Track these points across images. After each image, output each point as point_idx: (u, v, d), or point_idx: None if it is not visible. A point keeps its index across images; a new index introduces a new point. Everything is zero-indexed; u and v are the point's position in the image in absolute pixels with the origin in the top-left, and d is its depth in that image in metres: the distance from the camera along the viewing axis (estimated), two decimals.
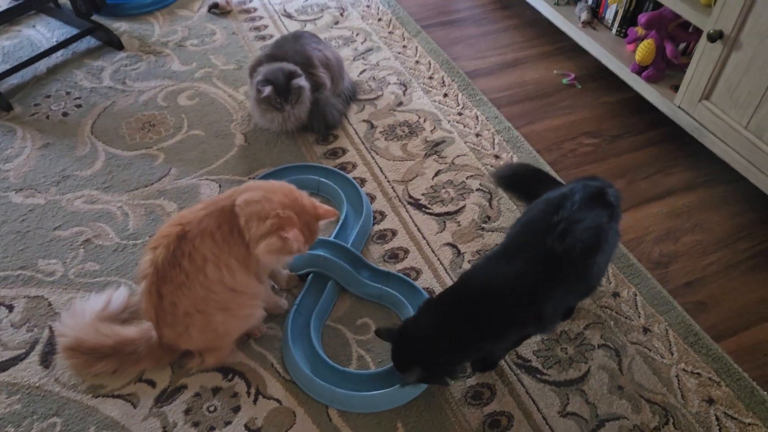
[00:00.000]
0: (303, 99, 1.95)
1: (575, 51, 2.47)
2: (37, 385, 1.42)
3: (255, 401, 1.41)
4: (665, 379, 1.48)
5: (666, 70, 2.07)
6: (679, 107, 1.97)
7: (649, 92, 2.08)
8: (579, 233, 1.25)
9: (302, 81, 1.92)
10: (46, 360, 1.46)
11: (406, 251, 1.74)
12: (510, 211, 1.84)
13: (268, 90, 1.88)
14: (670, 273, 1.72)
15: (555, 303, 1.30)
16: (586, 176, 1.48)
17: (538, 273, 1.25)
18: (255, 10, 2.66)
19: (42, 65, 2.31)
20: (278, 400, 1.41)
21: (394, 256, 1.73)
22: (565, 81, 2.36)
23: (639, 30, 2.07)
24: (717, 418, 1.41)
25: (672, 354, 1.53)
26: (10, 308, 1.56)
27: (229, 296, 1.35)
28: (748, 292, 1.68)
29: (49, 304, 1.57)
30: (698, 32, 2.01)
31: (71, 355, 1.39)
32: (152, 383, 1.43)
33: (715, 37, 1.76)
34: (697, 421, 1.41)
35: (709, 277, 1.72)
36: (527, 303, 1.26)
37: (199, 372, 1.45)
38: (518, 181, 1.64)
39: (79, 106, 2.15)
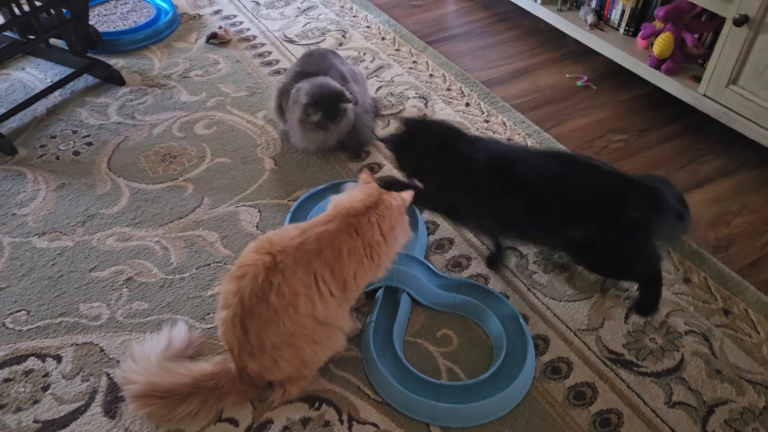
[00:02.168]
0: (347, 115, 1.88)
1: (582, 54, 2.50)
2: None
3: (350, 428, 1.30)
4: (759, 357, 1.45)
5: (684, 62, 2.11)
6: (704, 95, 2.00)
7: (671, 85, 2.11)
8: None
9: (350, 105, 1.84)
10: (110, 410, 1.32)
11: (468, 258, 1.68)
12: None
13: (318, 117, 1.80)
14: (731, 255, 1.72)
15: None
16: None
17: None
18: (255, 38, 2.60)
19: (40, 106, 2.18)
20: (374, 424, 1.30)
21: (457, 264, 1.66)
22: (579, 83, 2.37)
23: (657, 24, 2.11)
24: None
25: (758, 332, 1.51)
26: (59, 359, 1.41)
27: (319, 329, 1.26)
28: None
29: (101, 350, 1.43)
30: (712, 22, 2.06)
31: (146, 402, 1.25)
32: (234, 422, 1.30)
33: (741, 21, 1.80)
34: None
35: None
36: None
37: (282, 404, 1.33)
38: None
39: (89, 143, 2.02)
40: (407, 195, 1.35)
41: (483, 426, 1.30)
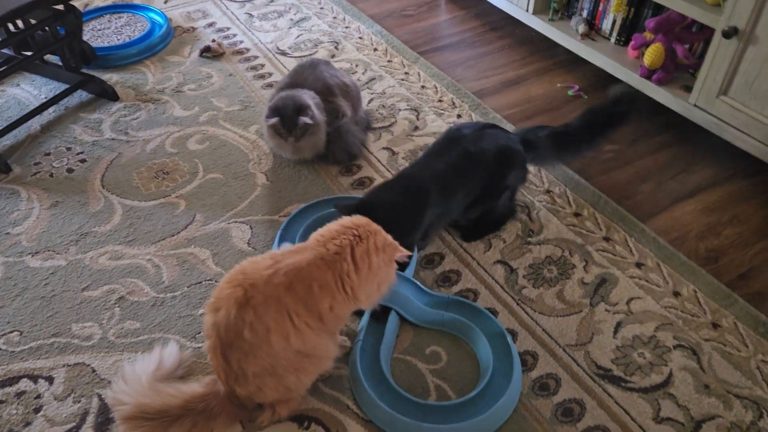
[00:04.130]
0: (314, 132, 1.89)
1: (573, 63, 2.51)
2: None
3: None
4: (747, 372, 1.46)
5: (675, 72, 2.12)
6: (695, 105, 2.01)
7: (661, 95, 2.11)
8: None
9: (309, 119, 1.86)
10: (101, 431, 1.33)
11: (458, 273, 1.68)
12: (552, 224, 1.82)
13: (273, 121, 1.86)
14: (721, 267, 1.72)
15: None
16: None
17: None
18: (248, 50, 2.61)
19: (35, 123, 2.19)
20: None
21: (447, 279, 1.67)
22: (570, 93, 2.38)
23: (647, 35, 2.11)
24: None
25: (747, 346, 1.51)
26: (50, 380, 1.42)
27: (299, 359, 1.26)
28: None
29: (93, 371, 1.44)
30: (703, 32, 2.06)
31: (135, 425, 1.26)
32: None
33: (731, 33, 1.80)
34: None
35: (759, 267, 1.72)
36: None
37: (272, 424, 1.34)
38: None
39: (83, 161, 2.04)
40: (402, 252, 1.32)
41: None
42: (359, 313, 1.55)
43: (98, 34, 2.64)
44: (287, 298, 1.19)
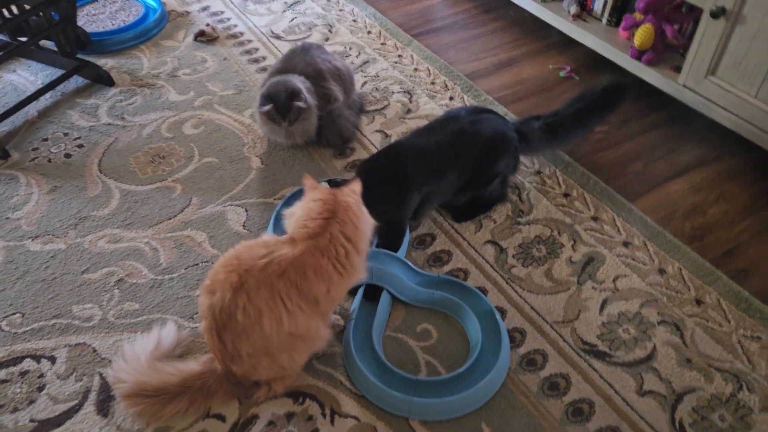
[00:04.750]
0: (306, 117, 1.92)
1: (565, 45, 2.52)
2: None
3: (332, 421, 1.36)
4: (728, 346, 1.50)
5: (664, 52, 2.13)
6: (684, 86, 2.03)
7: (651, 75, 2.14)
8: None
9: (302, 103, 1.89)
10: (103, 408, 1.38)
11: (449, 253, 1.72)
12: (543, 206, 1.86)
13: (266, 108, 1.88)
14: (706, 244, 1.76)
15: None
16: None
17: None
18: (242, 34, 2.62)
19: (32, 109, 2.22)
20: (356, 418, 1.36)
21: (438, 259, 1.71)
22: (562, 74, 2.40)
23: (637, 15, 2.13)
24: None
25: (729, 321, 1.55)
26: (53, 360, 1.47)
27: (292, 340, 1.30)
28: None
29: (94, 350, 1.49)
30: (692, 13, 2.08)
31: (135, 401, 1.31)
32: (222, 418, 1.36)
33: (718, 13, 1.82)
34: None
35: (744, 245, 1.76)
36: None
37: (268, 400, 1.39)
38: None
39: (80, 146, 2.07)
40: (356, 185, 1.36)
41: (459, 418, 1.36)
42: (352, 293, 1.59)
43: (93, 19, 2.65)
44: (280, 283, 1.23)
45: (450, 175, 1.69)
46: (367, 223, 1.34)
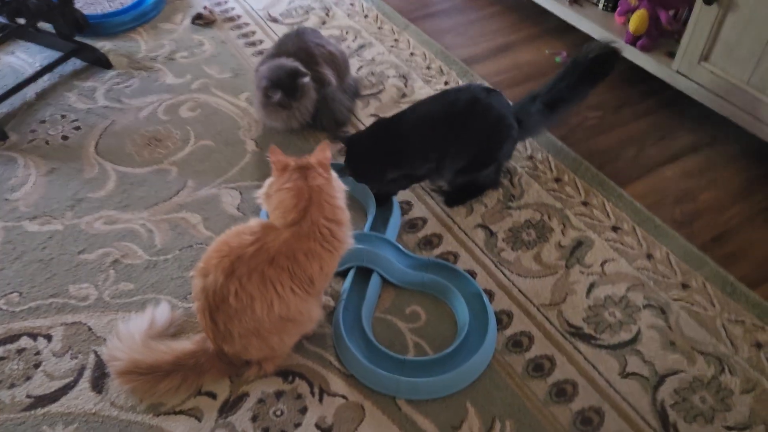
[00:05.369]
0: (308, 94, 1.94)
1: (562, 30, 2.52)
2: (93, 411, 1.37)
3: (321, 400, 1.39)
4: (712, 329, 1.53)
5: (659, 38, 2.14)
6: (677, 72, 2.03)
7: (645, 61, 2.14)
8: None
9: (307, 78, 1.90)
10: (98, 385, 1.41)
11: (440, 237, 1.75)
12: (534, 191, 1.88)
13: (278, 96, 1.88)
14: (695, 230, 1.77)
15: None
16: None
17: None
18: (239, 17, 2.63)
19: (30, 91, 2.23)
20: (344, 396, 1.39)
21: (428, 242, 1.73)
22: (558, 59, 2.40)
23: (632, 0, 2.12)
24: None
25: (714, 305, 1.58)
26: (49, 338, 1.50)
27: (282, 323, 1.33)
28: None
29: (89, 329, 1.52)
30: None
31: (129, 379, 1.34)
32: (213, 395, 1.39)
33: None
34: (751, 365, 1.45)
35: (733, 230, 1.77)
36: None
37: (258, 379, 1.42)
38: None
39: (78, 128, 2.09)
40: (324, 150, 1.37)
41: (445, 397, 1.39)
42: (343, 274, 1.61)
43: (91, 2, 2.66)
44: (270, 270, 1.26)
45: (455, 145, 1.70)
46: (341, 193, 1.37)
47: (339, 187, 1.38)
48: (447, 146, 1.69)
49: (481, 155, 1.74)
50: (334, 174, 1.39)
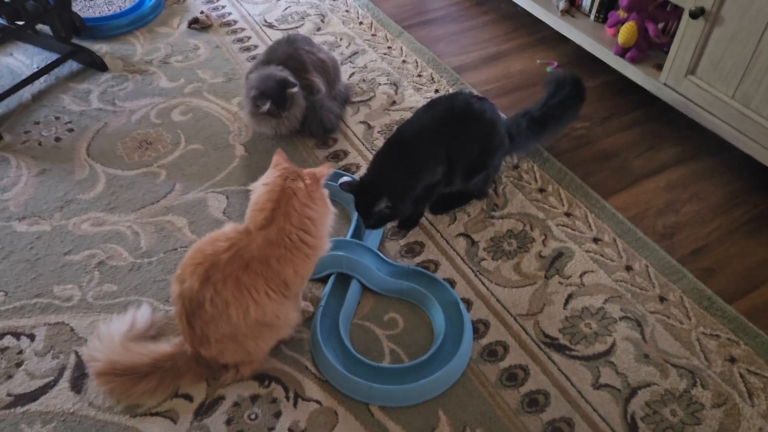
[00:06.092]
0: (297, 102, 1.96)
1: (554, 40, 2.54)
2: (71, 411, 1.39)
3: (295, 405, 1.41)
4: (687, 343, 1.54)
5: (648, 50, 2.15)
6: (664, 84, 2.04)
7: (634, 73, 2.15)
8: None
9: (295, 89, 1.93)
10: (77, 385, 1.44)
11: (422, 245, 1.76)
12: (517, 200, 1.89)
13: (267, 106, 1.89)
14: (675, 243, 1.79)
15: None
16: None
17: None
18: (236, 22, 2.66)
19: (26, 92, 2.27)
20: (318, 401, 1.41)
21: (410, 250, 1.75)
22: (549, 69, 2.42)
23: (621, 13, 2.14)
24: (741, 375, 1.47)
25: (690, 319, 1.59)
26: (32, 337, 1.53)
27: (258, 328, 1.35)
28: (750, 254, 1.75)
29: (71, 330, 1.55)
30: (677, 11, 2.09)
31: (107, 380, 1.37)
32: (189, 398, 1.42)
33: (697, 13, 1.83)
34: (723, 379, 1.46)
35: (713, 244, 1.78)
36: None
37: (235, 382, 1.45)
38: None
39: (71, 130, 2.12)
40: (323, 168, 1.39)
41: (418, 405, 1.41)
42: (323, 281, 1.63)
43: (90, 5, 2.69)
44: (245, 276, 1.29)
45: (466, 151, 1.72)
46: (319, 207, 1.37)
47: (322, 199, 1.39)
48: (452, 148, 1.69)
49: (476, 158, 1.76)
50: (324, 191, 1.40)
